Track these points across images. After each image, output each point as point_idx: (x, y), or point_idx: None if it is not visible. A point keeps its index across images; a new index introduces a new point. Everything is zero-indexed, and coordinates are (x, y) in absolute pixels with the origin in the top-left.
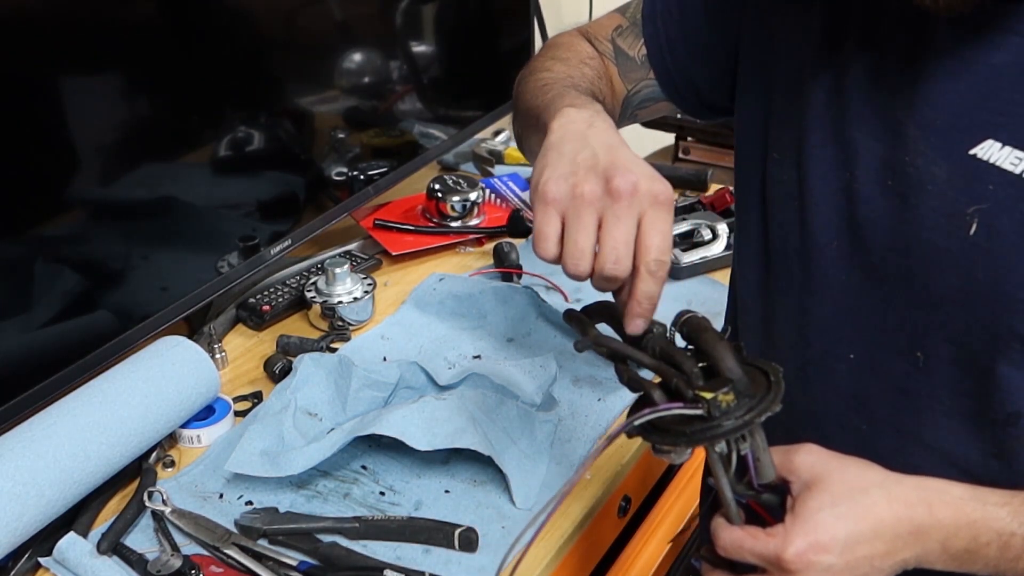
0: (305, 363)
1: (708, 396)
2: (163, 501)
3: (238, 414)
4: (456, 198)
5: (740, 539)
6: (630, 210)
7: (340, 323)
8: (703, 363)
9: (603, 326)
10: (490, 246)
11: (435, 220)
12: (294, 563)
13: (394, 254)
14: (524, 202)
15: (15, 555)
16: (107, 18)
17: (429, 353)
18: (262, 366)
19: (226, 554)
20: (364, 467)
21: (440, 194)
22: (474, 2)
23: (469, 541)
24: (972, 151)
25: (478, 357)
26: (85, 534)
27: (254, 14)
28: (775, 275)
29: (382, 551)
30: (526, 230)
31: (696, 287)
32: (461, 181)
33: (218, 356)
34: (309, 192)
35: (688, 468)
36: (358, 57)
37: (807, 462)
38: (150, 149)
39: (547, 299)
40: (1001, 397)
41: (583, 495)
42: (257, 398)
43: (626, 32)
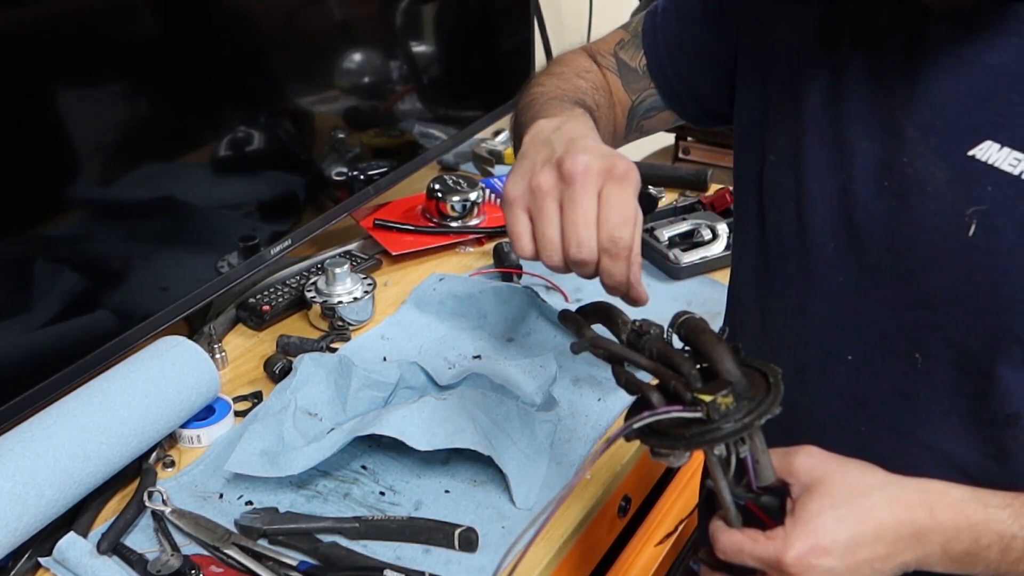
0: (305, 363)
1: (707, 399)
2: (163, 501)
3: (238, 414)
4: (456, 198)
5: (740, 542)
6: (584, 190)
7: (340, 323)
8: (701, 365)
9: (600, 327)
10: (490, 246)
11: (435, 220)
12: (294, 563)
13: (394, 254)
14: None
15: (15, 555)
16: (107, 18)
17: (429, 353)
18: (262, 366)
19: (226, 554)
20: (364, 467)
21: (440, 194)
22: (474, 2)
23: (469, 541)
24: (971, 152)
25: (478, 357)
26: (85, 534)
27: (254, 14)
28: (773, 276)
29: (382, 551)
30: None
31: (696, 287)
32: (461, 181)
33: (218, 356)
34: (309, 192)
35: (688, 468)
36: (358, 57)
37: (807, 464)
38: (150, 149)
39: (547, 299)
40: (999, 398)
41: (583, 495)
42: (257, 398)
43: (628, 45)
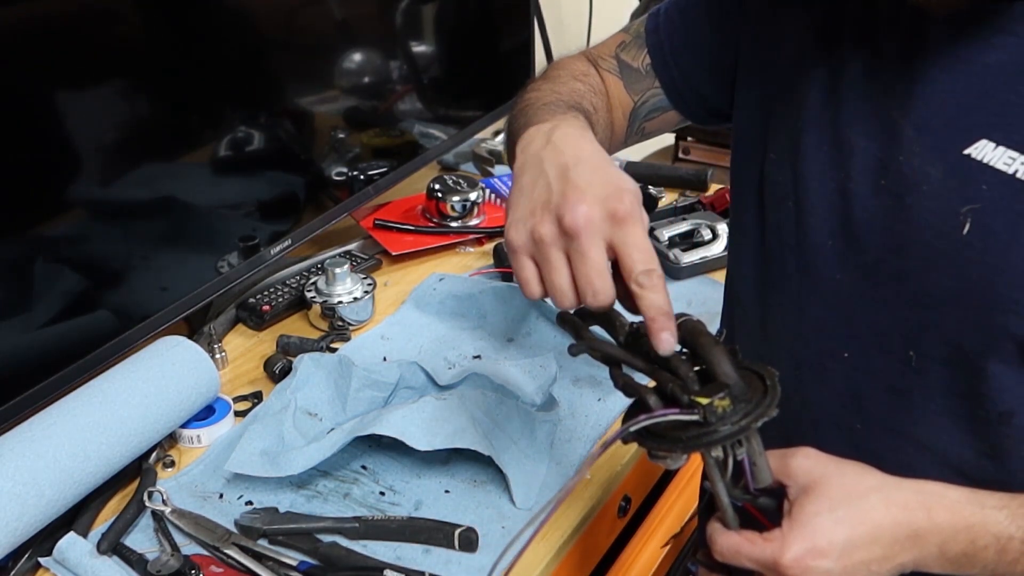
0: (305, 363)
1: (704, 401)
2: (163, 501)
3: (238, 414)
4: (456, 198)
5: (737, 544)
6: (591, 242)
7: (340, 323)
8: (698, 367)
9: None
10: (490, 246)
11: (435, 220)
12: (294, 563)
13: (394, 254)
14: None
15: (15, 555)
16: (108, 18)
17: (429, 353)
18: (262, 366)
19: (226, 554)
20: (364, 467)
21: (440, 194)
22: (474, 2)
23: (469, 541)
24: (966, 151)
25: (478, 357)
26: (85, 534)
27: (254, 14)
28: (772, 274)
29: (382, 551)
30: None
31: (696, 287)
32: (461, 181)
33: (218, 356)
34: (309, 192)
35: (688, 469)
36: (358, 57)
37: (804, 466)
38: (150, 149)
39: (547, 300)
40: (993, 396)
41: (583, 495)
42: (257, 398)
43: (629, 46)
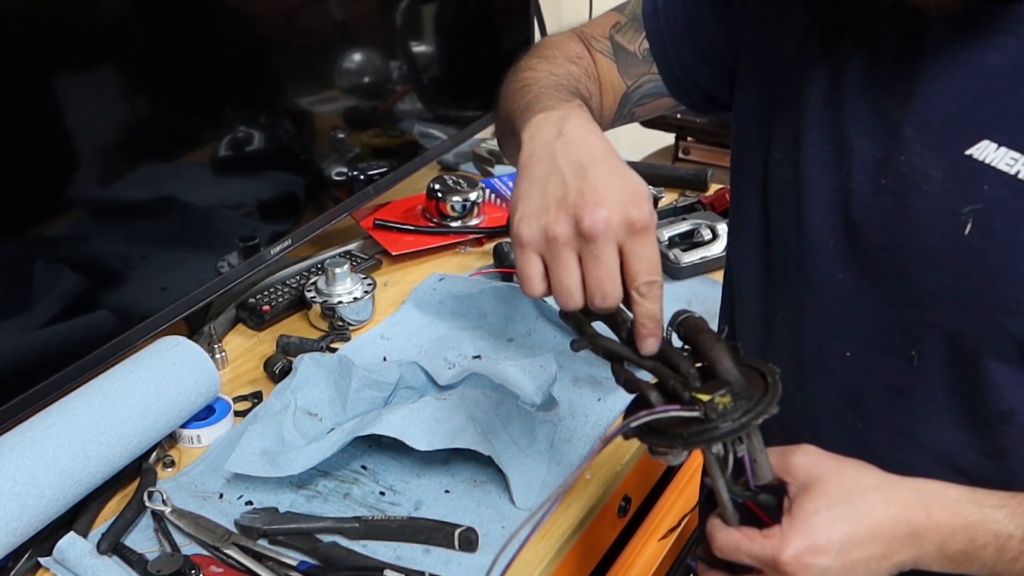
0: (305, 363)
1: (705, 398)
2: (163, 501)
3: (238, 414)
4: (456, 198)
5: (737, 540)
6: (607, 246)
7: (340, 323)
8: (700, 364)
9: (601, 326)
10: (490, 246)
11: (435, 220)
12: (294, 563)
13: (394, 254)
14: None
15: (15, 555)
16: (107, 18)
17: (429, 353)
18: (262, 366)
19: (226, 554)
20: (364, 467)
21: (440, 194)
22: (474, 2)
23: (469, 541)
24: (968, 151)
25: (478, 357)
26: (85, 534)
27: (254, 14)
28: (773, 273)
29: (382, 551)
30: None
31: (696, 287)
32: (461, 181)
33: (218, 356)
34: (309, 192)
35: (688, 468)
36: (358, 57)
37: (804, 464)
38: (150, 149)
39: (547, 299)
40: (994, 396)
41: (583, 495)
42: (257, 398)
43: (625, 28)
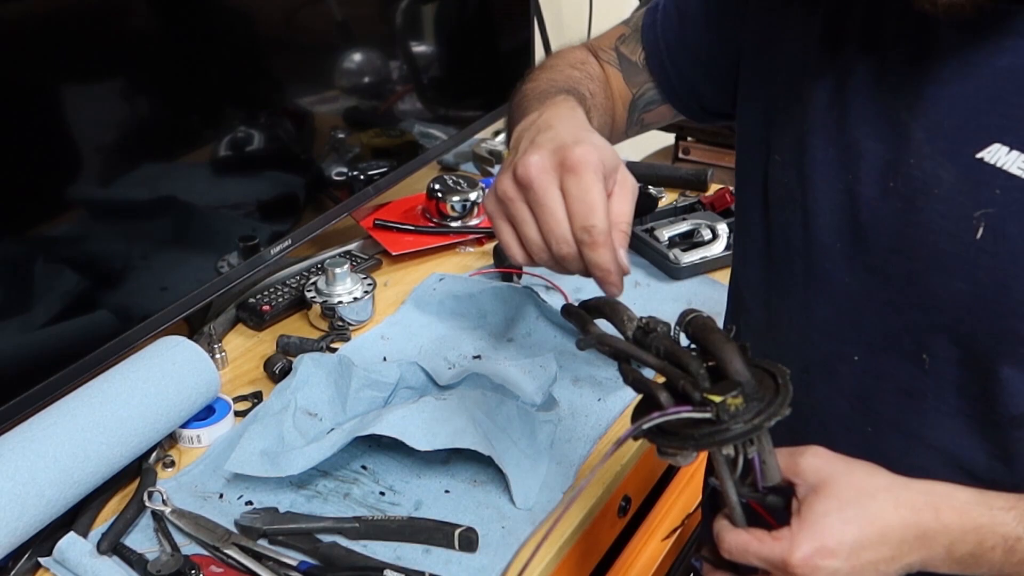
0: (305, 363)
1: (717, 399)
2: (163, 501)
3: (238, 414)
4: (456, 198)
5: (746, 542)
6: (544, 189)
7: (340, 323)
8: (708, 363)
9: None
10: (490, 246)
11: (435, 220)
12: (294, 563)
13: (394, 254)
14: None
15: (15, 555)
16: (107, 18)
17: (429, 353)
18: (262, 366)
19: (226, 554)
20: (364, 467)
21: (440, 194)
22: (474, 2)
23: (469, 541)
24: (979, 155)
25: (478, 357)
26: (85, 534)
27: (254, 14)
28: (778, 276)
29: (382, 551)
30: None
31: (696, 287)
32: (461, 181)
33: (218, 356)
34: (309, 192)
35: (688, 468)
36: (358, 57)
37: (813, 465)
38: (150, 149)
39: (547, 299)
40: (1005, 400)
41: (583, 495)
42: (257, 398)
43: (628, 39)
